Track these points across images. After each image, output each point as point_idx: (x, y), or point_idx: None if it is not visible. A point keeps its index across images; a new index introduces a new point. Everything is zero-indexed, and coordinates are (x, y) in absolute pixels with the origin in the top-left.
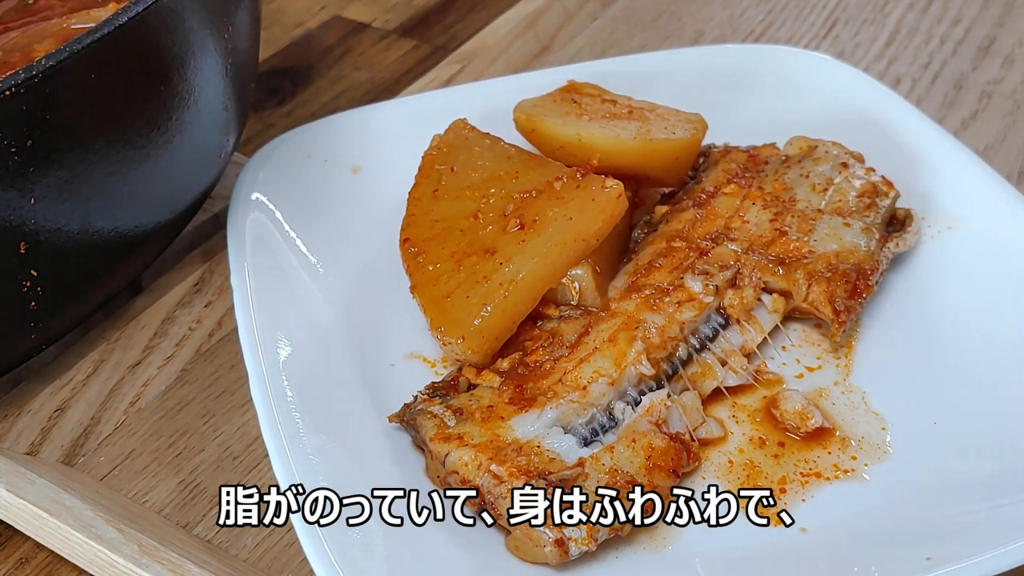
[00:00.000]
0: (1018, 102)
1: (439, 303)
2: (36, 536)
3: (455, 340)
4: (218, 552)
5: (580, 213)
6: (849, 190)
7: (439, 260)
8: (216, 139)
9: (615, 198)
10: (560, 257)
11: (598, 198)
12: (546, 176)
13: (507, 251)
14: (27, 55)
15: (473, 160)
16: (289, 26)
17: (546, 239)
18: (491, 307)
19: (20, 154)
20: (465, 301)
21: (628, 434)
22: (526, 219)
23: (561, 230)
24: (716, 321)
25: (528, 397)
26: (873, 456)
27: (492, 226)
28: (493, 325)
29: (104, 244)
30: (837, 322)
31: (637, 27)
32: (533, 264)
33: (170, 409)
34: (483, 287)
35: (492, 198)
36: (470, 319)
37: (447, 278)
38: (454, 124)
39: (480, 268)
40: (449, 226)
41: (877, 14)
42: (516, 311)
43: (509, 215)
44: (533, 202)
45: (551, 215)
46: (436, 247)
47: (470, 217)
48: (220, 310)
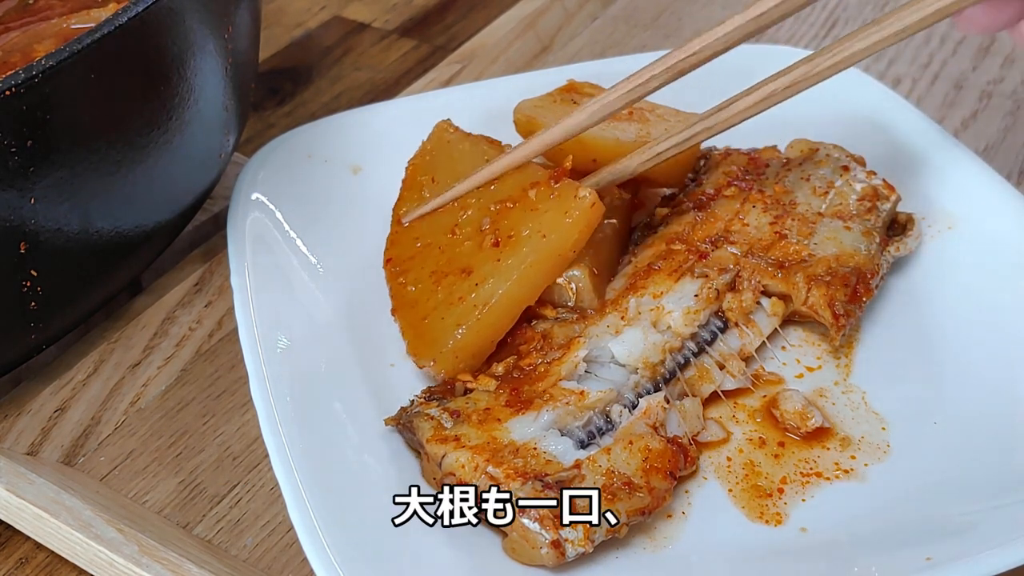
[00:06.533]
0: (1018, 102)
1: (416, 325)
2: (36, 536)
3: (428, 362)
4: (218, 552)
5: (554, 230)
6: (850, 193)
7: (418, 281)
8: (216, 139)
9: (589, 208)
10: (536, 276)
11: (571, 210)
12: (521, 182)
13: (483, 270)
14: (27, 55)
15: (454, 166)
16: (289, 26)
17: (520, 259)
18: (464, 328)
19: (20, 154)
20: (440, 323)
21: (625, 436)
22: (501, 235)
23: (536, 249)
24: (715, 324)
25: (524, 400)
26: (873, 456)
27: (469, 242)
28: (467, 345)
29: (104, 244)
30: (836, 326)
31: (637, 27)
32: (508, 285)
33: (170, 409)
34: (458, 308)
35: (470, 209)
36: (444, 340)
37: (425, 299)
38: (437, 127)
39: (456, 288)
40: (428, 243)
41: (877, 14)
42: (491, 331)
43: (485, 230)
44: (509, 213)
45: (525, 233)
46: (417, 266)
47: (448, 233)
48: (220, 310)
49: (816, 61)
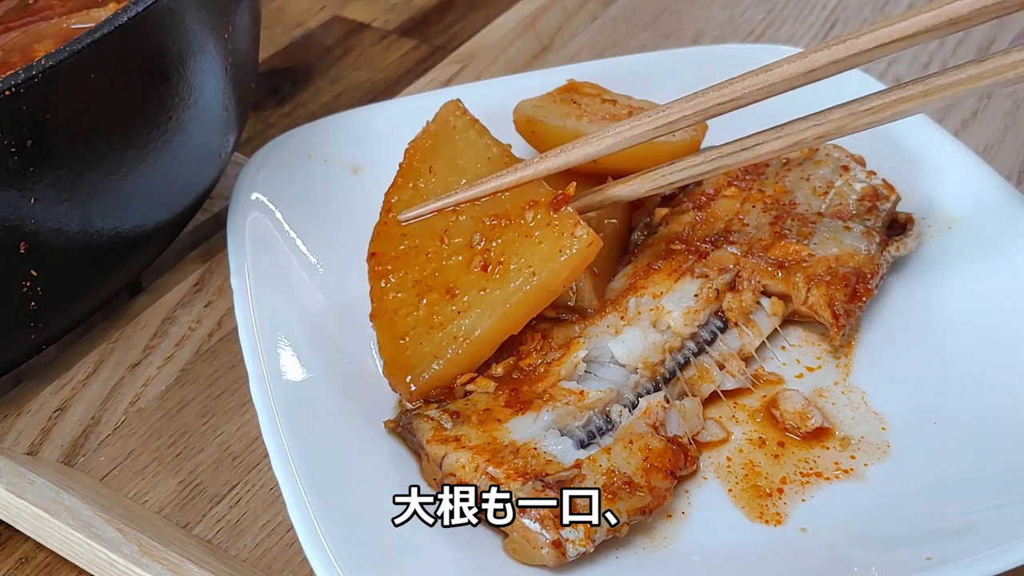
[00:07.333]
0: (1018, 102)
1: (394, 343)
2: (36, 536)
3: (402, 392)
4: (218, 552)
5: (546, 266)
6: (850, 193)
7: (402, 288)
8: (216, 139)
9: (585, 247)
10: (522, 311)
11: (566, 248)
12: (521, 198)
13: (468, 297)
14: (27, 55)
15: (454, 159)
16: (289, 26)
17: (507, 295)
18: (442, 362)
19: (20, 154)
20: (418, 348)
21: (625, 436)
22: (492, 259)
23: (524, 285)
24: (714, 324)
25: (524, 400)
26: (873, 456)
27: (459, 257)
28: (442, 376)
29: (104, 244)
30: (836, 326)
31: (637, 27)
32: (491, 321)
33: (170, 409)
34: (437, 336)
35: (463, 215)
36: (419, 371)
37: (405, 313)
38: (444, 108)
39: (439, 309)
40: (416, 245)
41: (877, 14)
42: (469, 363)
43: (476, 246)
44: (502, 232)
45: (515, 266)
46: (401, 269)
47: (437, 238)
48: (220, 310)
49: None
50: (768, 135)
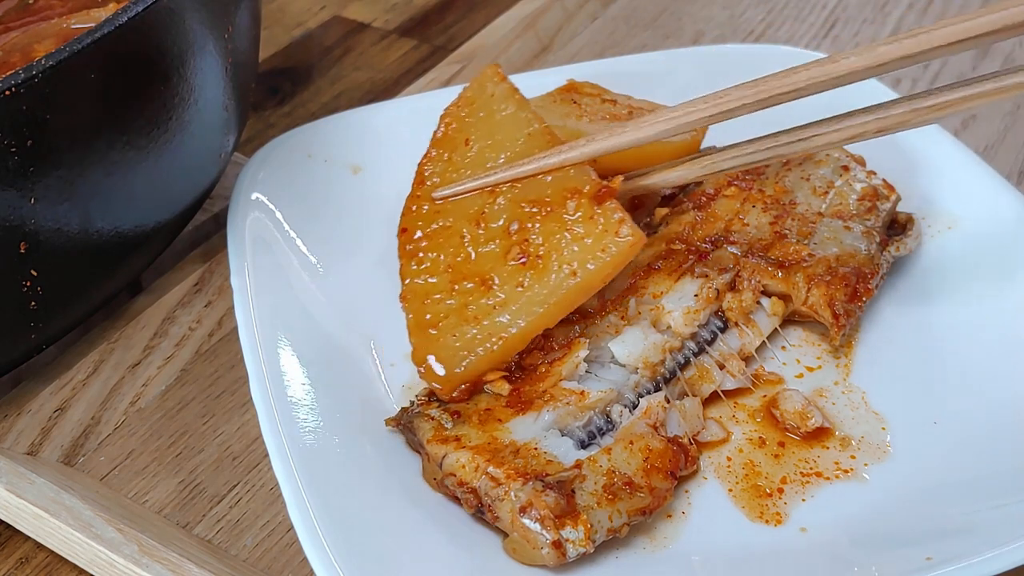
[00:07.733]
0: (1018, 102)
1: (424, 331)
2: (36, 536)
3: (434, 384)
4: (218, 552)
5: (586, 266)
6: (850, 193)
7: (434, 272)
8: (216, 139)
9: (628, 248)
10: (558, 311)
11: (608, 247)
12: (563, 185)
13: (504, 291)
14: (27, 55)
15: (492, 133)
16: (289, 26)
17: (547, 293)
18: (474, 357)
19: (20, 154)
20: (450, 340)
21: (625, 436)
22: (530, 252)
23: (563, 283)
24: (715, 324)
25: (525, 400)
26: (873, 456)
27: (495, 244)
28: (474, 370)
29: (104, 244)
30: (836, 326)
31: (637, 27)
32: (528, 320)
33: (170, 409)
34: (471, 330)
35: (501, 197)
36: (452, 365)
37: (438, 300)
38: (483, 73)
39: (472, 299)
40: (450, 225)
41: (877, 14)
42: (501, 358)
43: (514, 234)
44: (542, 222)
45: (554, 261)
46: (433, 249)
47: (473, 221)
48: (220, 310)
49: (911, 103)
50: (824, 125)
